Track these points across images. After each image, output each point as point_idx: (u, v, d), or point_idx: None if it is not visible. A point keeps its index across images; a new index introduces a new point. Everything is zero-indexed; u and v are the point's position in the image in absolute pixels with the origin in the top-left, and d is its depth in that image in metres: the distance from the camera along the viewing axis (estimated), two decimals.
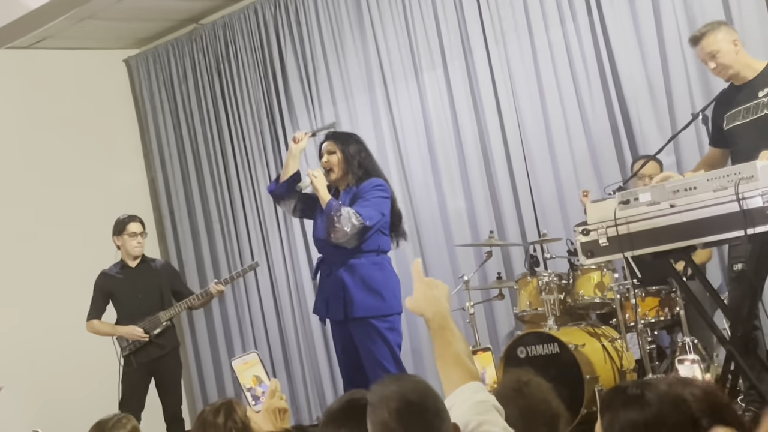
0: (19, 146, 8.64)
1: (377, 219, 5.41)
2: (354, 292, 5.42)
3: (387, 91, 7.84)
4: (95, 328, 6.94)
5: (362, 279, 5.44)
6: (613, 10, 6.73)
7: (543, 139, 7.08)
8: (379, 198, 5.46)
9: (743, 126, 5.08)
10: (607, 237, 4.72)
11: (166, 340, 6.91)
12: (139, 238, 6.96)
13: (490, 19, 7.23)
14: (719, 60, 5.06)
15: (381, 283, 5.44)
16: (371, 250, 5.48)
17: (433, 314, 2.60)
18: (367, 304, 5.42)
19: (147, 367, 6.87)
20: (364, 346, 5.45)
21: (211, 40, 8.94)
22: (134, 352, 6.84)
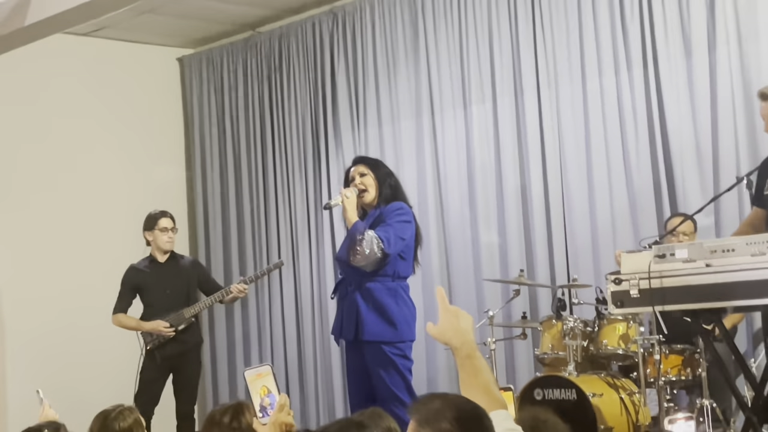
0: (62, 129, 8.72)
1: (399, 245, 5.44)
2: (365, 316, 5.45)
3: (434, 120, 7.85)
4: (121, 322, 6.97)
5: (375, 303, 5.46)
6: (669, 63, 6.71)
7: (584, 185, 7.05)
8: (401, 222, 5.49)
9: None
10: (639, 289, 4.70)
11: (189, 336, 6.95)
12: (170, 233, 7.01)
13: (545, 59, 7.24)
14: None
15: (393, 310, 5.45)
16: (387, 275, 5.50)
17: (461, 344, 2.64)
18: (378, 329, 5.45)
19: (168, 363, 6.90)
20: (375, 370, 5.48)
21: (266, 48, 9.01)
22: (158, 347, 6.86)
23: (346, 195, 5.54)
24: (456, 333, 2.65)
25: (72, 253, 8.46)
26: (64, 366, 8.15)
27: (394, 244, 5.38)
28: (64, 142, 8.71)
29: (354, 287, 5.54)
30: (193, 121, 9.53)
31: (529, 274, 7.08)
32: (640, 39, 6.83)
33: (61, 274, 8.34)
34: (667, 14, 6.70)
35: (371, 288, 5.49)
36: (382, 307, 5.46)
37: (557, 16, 7.18)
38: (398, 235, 5.42)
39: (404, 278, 5.61)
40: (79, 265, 8.43)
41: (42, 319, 8.18)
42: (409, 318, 5.52)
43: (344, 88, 8.41)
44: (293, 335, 8.66)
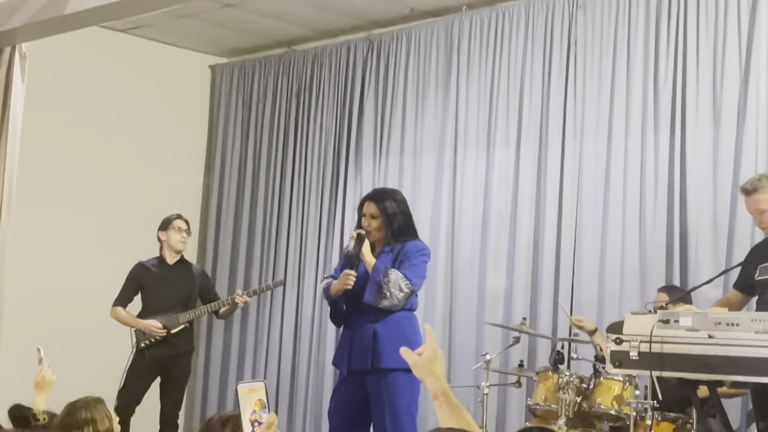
0: (87, 121, 8.76)
1: (421, 283, 5.55)
2: (385, 344, 5.40)
3: (455, 157, 7.86)
4: (118, 315, 7.01)
5: (396, 331, 5.43)
6: (696, 132, 6.70)
7: (597, 242, 7.03)
8: (424, 263, 5.57)
9: None
10: (639, 351, 4.68)
11: (180, 341, 6.95)
12: (183, 234, 7.09)
13: (573, 112, 7.24)
14: (766, 220, 5.10)
15: (412, 338, 5.40)
16: (404, 309, 5.52)
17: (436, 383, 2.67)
18: (396, 356, 5.35)
19: (157, 364, 6.90)
20: (380, 397, 5.42)
21: (298, 66, 9.05)
22: (149, 346, 6.87)
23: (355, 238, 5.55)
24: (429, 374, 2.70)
25: (83, 247, 8.48)
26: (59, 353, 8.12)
27: (418, 283, 5.50)
28: (87, 133, 8.75)
29: (368, 320, 5.48)
30: (218, 130, 9.57)
31: (531, 322, 7.06)
32: (671, 104, 6.83)
33: (71, 268, 8.36)
34: (701, 82, 6.70)
35: (391, 318, 5.48)
36: (404, 335, 5.40)
37: (591, 71, 7.19)
38: (422, 275, 5.54)
39: (413, 312, 5.65)
40: (89, 260, 8.44)
41: (46, 309, 8.16)
42: None
43: (371, 116, 8.43)
44: (289, 355, 8.64)
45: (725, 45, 6.61)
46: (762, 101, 6.44)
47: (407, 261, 5.46)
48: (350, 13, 8.34)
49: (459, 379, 7.43)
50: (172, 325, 6.88)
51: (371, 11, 8.28)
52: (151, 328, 6.84)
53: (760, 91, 6.45)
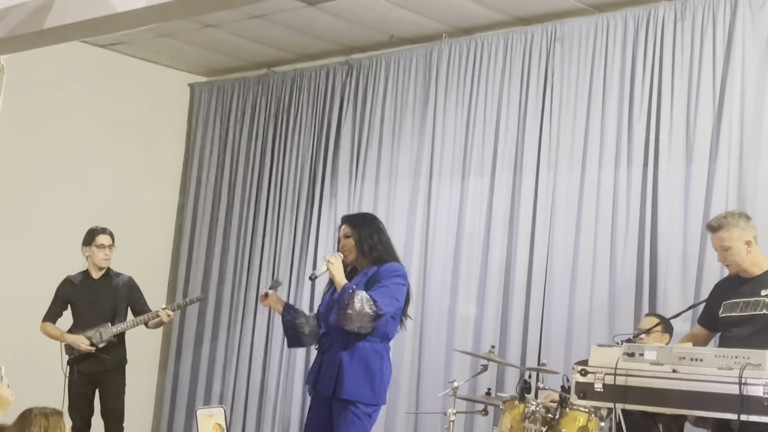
0: (64, 135, 8.76)
1: (392, 306, 5.36)
2: (347, 373, 5.36)
3: (430, 184, 7.89)
4: (46, 331, 7.05)
5: (360, 363, 5.38)
6: (669, 167, 6.76)
7: (567, 272, 7.08)
8: (397, 285, 5.41)
9: (739, 318, 5.13)
10: (604, 384, 4.71)
11: (110, 355, 6.92)
12: (106, 250, 7.04)
13: (548, 143, 7.30)
14: (729, 257, 5.17)
15: (376, 373, 5.38)
16: (377, 337, 5.41)
17: None
18: (357, 389, 5.37)
19: (88, 378, 6.91)
20: (338, 426, 5.39)
21: (277, 88, 9.08)
22: (77, 361, 6.88)
23: (330, 261, 5.46)
24: None
25: (59, 264, 8.39)
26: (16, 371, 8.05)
27: (387, 305, 5.31)
28: (63, 147, 8.74)
29: (340, 344, 5.43)
30: (195, 148, 9.58)
31: (500, 351, 7.09)
32: (644, 139, 6.89)
33: (34, 279, 8.29)
34: (675, 119, 6.77)
35: (359, 347, 5.39)
36: (368, 369, 5.38)
37: (567, 102, 7.25)
38: (393, 297, 5.35)
39: (389, 340, 5.55)
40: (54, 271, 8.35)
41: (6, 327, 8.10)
42: (387, 382, 5.48)
43: (348, 140, 8.47)
44: (258, 374, 8.62)
45: (699, 82, 6.68)
46: (734, 139, 6.51)
47: (378, 283, 5.37)
48: (330, 38, 8.39)
49: (426, 405, 7.45)
50: (100, 340, 6.87)
51: (351, 37, 8.33)
52: (78, 343, 6.86)
53: (732, 129, 6.52)
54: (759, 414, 4.26)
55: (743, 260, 5.16)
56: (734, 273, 5.24)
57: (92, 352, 6.86)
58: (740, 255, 5.14)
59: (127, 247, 7.57)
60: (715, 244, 5.22)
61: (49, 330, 7.04)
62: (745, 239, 5.15)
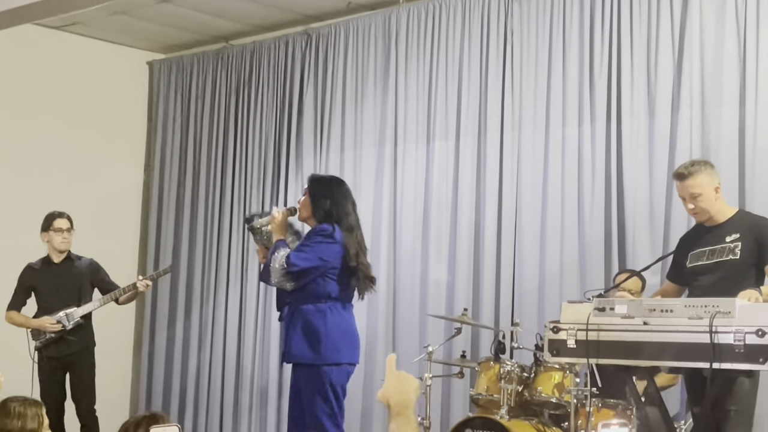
0: (21, 120, 8.65)
1: (310, 264, 5.46)
2: (293, 338, 5.51)
3: (396, 151, 7.87)
4: (12, 319, 7.05)
5: (302, 325, 5.51)
6: (631, 121, 6.78)
7: (536, 232, 7.09)
8: (320, 243, 5.52)
9: (706, 266, 5.15)
10: (576, 339, 4.74)
11: (78, 338, 6.91)
12: (65, 234, 7.01)
13: (511, 104, 7.29)
14: (699, 204, 5.13)
15: (320, 332, 5.49)
16: (319, 297, 5.53)
17: (395, 402, 2.67)
18: (302, 351, 5.51)
19: (58, 362, 6.91)
20: (304, 391, 5.53)
21: (236, 61, 9.01)
22: (45, 346, 6.85)
23: (273, 215, 5.66)
24: (396, 393, 2.70)
25: (17, 247, 8.31)
26: None
27: (300, 260, 5.43)
28: (24, 132, 8.64)
29: (291, 309, 5.60)
30: (157, 126, 9.51)
31: (473, 313, 7.10)
32: (606, 94, 6.90)
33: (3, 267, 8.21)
34: (635, 73, 6.78)
35: (302, 310, 5.55)
36: (308, 330, 5.51)
37: (527, 63, 7.24)
38: (313, 254, 5.47)
39: (338, 300, 5.61)
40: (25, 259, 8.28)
41: None
42: (338, 340, 5.53)
43: (310, 110, 8.42)
44: (233, 350, 8.61)
45: (658, 34, 6.69)
46: (695, 90, 6.53)
47: (302, 241, 5.57)
48: (287, 7, 8.31)
49: (403, 370, 7.44)
50: (68, 322, 6.85)
51: (308, 5, 8.26)
52: (45, 324, 6.85)
53: (693, 80, 6.54)
54: (731, 361, 4.30)
55: (712, 206, 5.15)
56: (702, 221, 5.24)
57: (60, 336, 6.84)
58: (709, 201, 5.14)
59: (94, 229, 7.54)
60: (684, 192, 5.19)
61: (15, 318, 7.02)
62: (714, 185, 5.16)
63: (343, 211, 5.67)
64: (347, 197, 5.78)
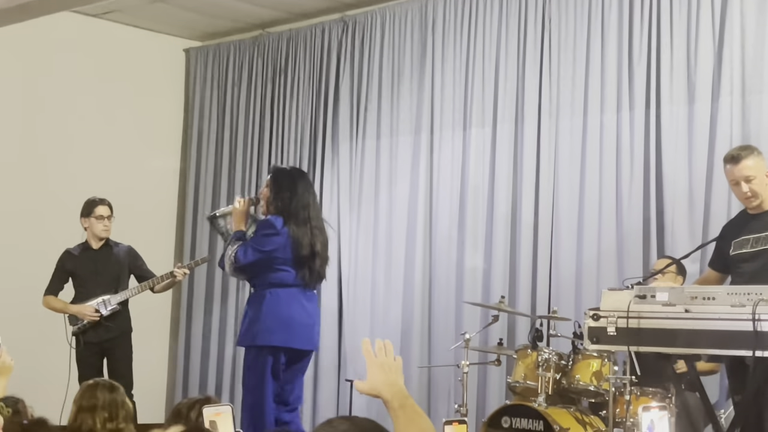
0: (61, 107, 8.70)
1: (251, 258, 5.68)
2: (244, 322, 5.84)
3: (432, 138, 7.85)
4: (49, 304, 7.05)
5: (248, 311, 5.84)
6: (671, 108, 6.72)
7: (574, 219, 7.06)
8: (260, 237, 5.74)
9: (750, 254, 5.10)
10: (617, 327, 4.70)
11: (116, 324, 6.94)
12: (106, 221, 7.02)
13: (549, 90, 7.25)
14: (753, 186, 5.06)
15: (256, 315, 5.74)
16: (263, 284, 5.79)
17: (391, 395, 2.55)
18: (244, 335, 5.85)
19: (96, 347, 6.93)
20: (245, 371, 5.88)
21: (273, 49, 9.02)
22: (83, 332, 6.89)
23: (235, 204, 5.89)
24: (385, 385, 2.56)
25: (55, 232, 8.37)
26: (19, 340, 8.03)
27: (242, 254, 5.67)
28: (61, 120, 8.69)
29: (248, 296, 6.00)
30: (194, 114, 9.53)
31: (510, 301, 7.08)
32: (645, 81, 6.84)
33: (42, 253, 8.26)
34: (675, 59, 6.72)
35: (250, 297, 5.95)
36: (250, 313, 5.80)
37: (565, 49, 7.19)
38: (255, 248, 5.70)
39: (281, 286, 5.78)
40: (62, 245, 8.34)
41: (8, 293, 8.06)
42: (271, 325, 5.72)
43: (346, 97, 8.41)
44: None
45: (699, 20, 6.63)
46: (736, 75, 6.46)
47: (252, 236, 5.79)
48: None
49: (438, 358, 7.47)
50: (106, 308, 6.88)
51: None
52: (84, 312, 6.87)
53: (733, 66, 6.48)
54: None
55: (764, 190, 5.08)
56: (753, 206, 5.13)
57: (98, 322, 6.87)
58: (761, 185, 5.06)
59: (131, 216, 7.56)
60: (737, 176, 5.08)
61: (52, 303, 7.04)
62: (765, 171, 5.10)
63: (301, 204, 5.85)
64: (308, 190, 5.98)
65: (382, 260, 8.01)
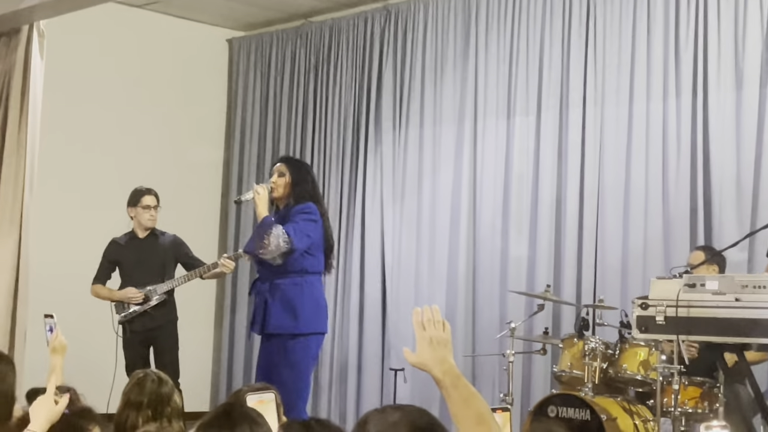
0: (104, 97, 8.75)
1: (304, 241, 5.73)
2: (272, 309, 5.79)
3: (475, 127, 7.82)
4: (96, 292, 7.11)
5: (281, 298, 5.79)
6: (718, 94, 6.65)
7: (620, 207, 7.01)
8: (306, 221, 5.77)
9: None
10: (665, 316, 4.65)
11: (161, 313, 6.97)
12: (152, 211, 7.04)
13: (594, 77, 7.19)
14: None
15: (297, 303, 5.78)
16: (295, 271, 5.79)
17: (442, 374, 2.45)
18: (281, 321, 5.79)
19: (142, 336, 6.96)
20: (273, 362, 5.81)
21: (316, 38, 9.02)
22: (129, 321, 6.93)
23: (257, 191, 5.84)
24: (435, 362, 2.47)
25: (101, 222, 8.42)
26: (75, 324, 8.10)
27: (299, 239, 5.69)
28: (106, 110, 8.74)
29: (266, 283, 5.86)
30: (236, 104, 9.56)
31: (555, 290, 7.04)
32: (692, 67, 6.77)
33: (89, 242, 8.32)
34: (722, 45, 6.65)
35: (279, 284, 5.82)
36: (287, 301, 5.78)
37: (611, 36, 7.13)
38: (304, 232, 5.73)
39: (313, 273, 5.90)
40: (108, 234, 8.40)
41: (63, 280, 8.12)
42: (312, 312, 5.83)
43: (389, 87, 8.40)
44: None
45: (746, 4, 6.54)
46: None
47: (290, 220, 5.74)
48: None
49: (483, 347, 7.45)
50: (151, 297, 6.91)
51: None
52: (128, 295, 6.92)
53: None
54: None
55: None
56: None
57: (144, 311, 6.91)
58: None
59: (175, 207, 7.58)
60: None
61: (99, 291, 7.10)
62: None
63: (319, 193, 6.08)
64: (317, 183, 6.22)
65: (426, 250, 8.00)
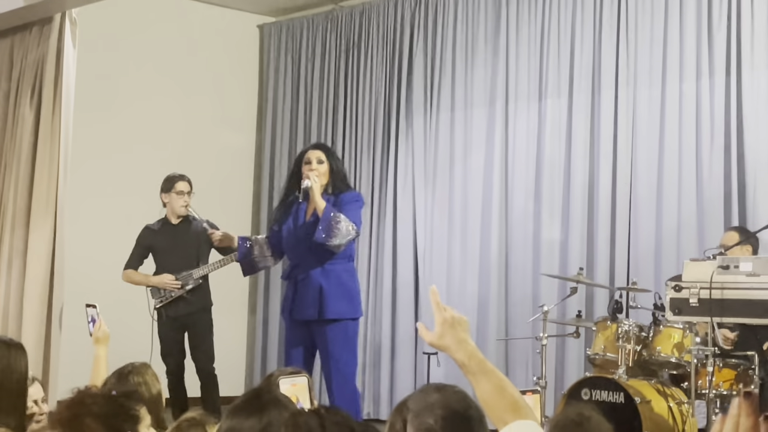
0: (137, 85, 8.80)
1: (360, 229, 5.91)
2: (329, 295, 5.78)
3: (507, 110, 7.79)
4: (130, 278, 7.10)
5: (337, 283, 5.82)
6: (752, 74, 6.59)
7: (653, 189, 6.96)
8: (359, 209, 5.89)
9: None
10: (699, 298, 4.63)
11: (196, 298, 6.98)
12: (185, 197, 7.04)
13: (626, 59, 7.14)
14: None
15: (353, 289, 5.90)
16: (344, 257, 5.86)
17: (467, 358, 2.35)
18: (340, 307, 5.82)
19: (177, 322, 6.99)
20: (326, 346, 5.81)
21: (346, 23, 9.01)
22: (165, 306, 6.96)
23: (313, 179, 5.82)
24: (455, 342, 2.36)
25: (135, 210, 8.47)
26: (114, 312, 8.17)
27: (360, 226, 5.87)
28: (138, 96, 8.79)
29: (315, 271, 5.83)
30: (268, 89, 9.58)
31: (588, 273, 7.01)
32: (726, 47, 6.71)
33: (122, 230, 8.37)
34: (756, 24, 6.58)
35: (333, 270, 5.84)
36: (345, 287, 5.85)
37: (643, 16, 7.08)
38: (360, 220, 5.90)
39: (353, 259, 6.02)
40: (141, 221, 8.46)
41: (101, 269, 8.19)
42: (358, 297, 5.99)
43: (420, 70, 8.38)
44: None
45: None
46: None
47: (344, 207, 5.76)
48: None
49: (516, 331, 7.45)
50: (187, 282, 6.94)
51: None
52: (165, 281, 6.93)
53: None
54: None
55: None
56: None
57: (179, 296, 6.95)
58: None
59: (207, 192, 7.60)
60: None
61: (133, 276, 7.12)
62: None
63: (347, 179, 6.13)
64: None
65: (458, 233, 7.99)
